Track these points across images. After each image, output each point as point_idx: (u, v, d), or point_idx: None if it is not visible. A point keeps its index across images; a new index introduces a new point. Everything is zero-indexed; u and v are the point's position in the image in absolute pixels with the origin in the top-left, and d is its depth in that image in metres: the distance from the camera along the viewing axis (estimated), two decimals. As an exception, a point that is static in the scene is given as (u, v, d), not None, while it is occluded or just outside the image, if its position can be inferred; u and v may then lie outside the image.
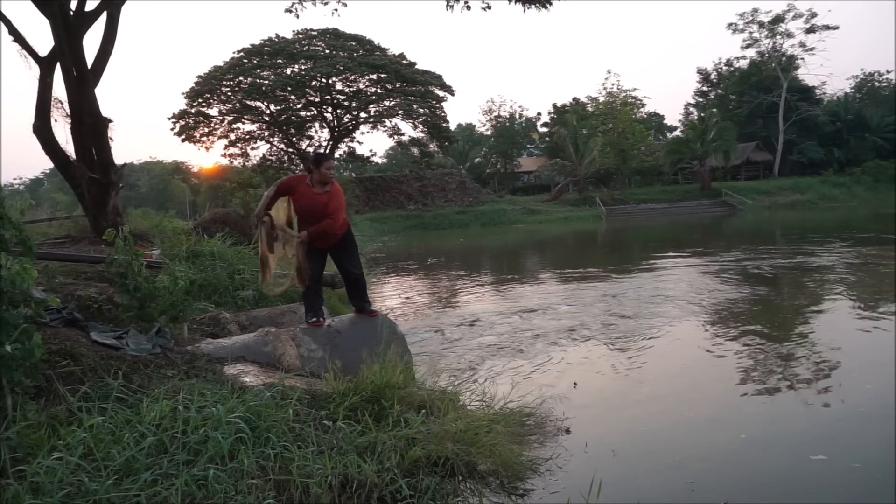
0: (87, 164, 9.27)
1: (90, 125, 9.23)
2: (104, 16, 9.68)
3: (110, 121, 9.71)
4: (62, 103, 9.64)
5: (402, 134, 41.98)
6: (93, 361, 3.41)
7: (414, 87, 38.59)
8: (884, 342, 6.26)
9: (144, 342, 4.00)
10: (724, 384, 5.18)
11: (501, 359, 6.36)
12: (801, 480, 3.50)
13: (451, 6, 11.39)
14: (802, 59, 50.37)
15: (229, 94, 37.76)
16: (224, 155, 40.95)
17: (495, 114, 58.33)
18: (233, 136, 39.76)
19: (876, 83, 56.38)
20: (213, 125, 38.92)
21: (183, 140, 38.64)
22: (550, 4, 11.10)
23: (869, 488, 3.38)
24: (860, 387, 4.92)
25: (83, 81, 9.19)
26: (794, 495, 3.34)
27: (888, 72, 56.91)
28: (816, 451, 3.79)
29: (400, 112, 39.39)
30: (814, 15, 48.18)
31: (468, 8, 11.37)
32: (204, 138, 39.05)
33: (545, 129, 59.54)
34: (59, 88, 9.62)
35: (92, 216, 9.49)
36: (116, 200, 9.63)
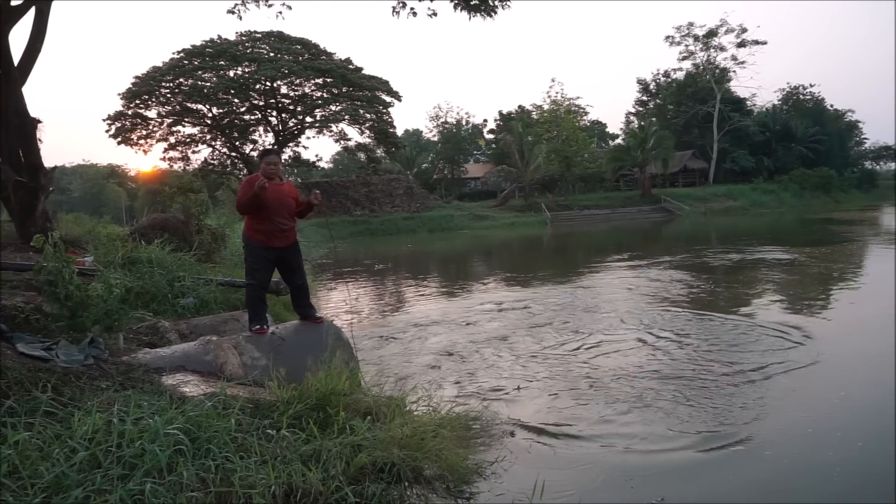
0: (13, 166, 8.79)
1: (17, 125, 8.77)
2: (32, 11, 9.24)
3: (39, 121, 9.25)
4: (-15, 102, 9.12)
5: (349, 139, 41.69)
6: (19, 374, 3.24)
7: (360, 92, 38.35)
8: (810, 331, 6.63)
9: (76, 353, 3.83)
10: (661, 382, 5.36)
11: (448, 363, 6.40)
12: (724, 470, 3.72)
13: (398, 12, 11.43)
14: (734, 71, 53.04)
15: (169, 95, 36.57)
16: (163, 158, 39.62)
17: (442, 120, 58.73)
18: (172, 140, 38.49)
19: (801, 96, 59.74)
20: (151, 128, 37.59)
21: (119, 143, 37.16)
22: (495, 13, 11.31)
23: (783, 474, 3.63)
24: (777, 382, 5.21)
25: (9, 79, 8.73)
26: (721, 486, 3.56)
27: (811, 86, 60.48)
28: (735, 443, 4.05)
29: (346, 117, 39.07)
30: (744, 30, 50.81)
31: (414, 14, 11.44)
32: (142, 141, 37.66)
33: (491, 136, 60.24)
34: (-19, 87, 9.10)
35: (18, 221, 9.00)
36: (46, 205, 9.17)
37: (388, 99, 39.65)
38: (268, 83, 37.07)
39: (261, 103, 38.95)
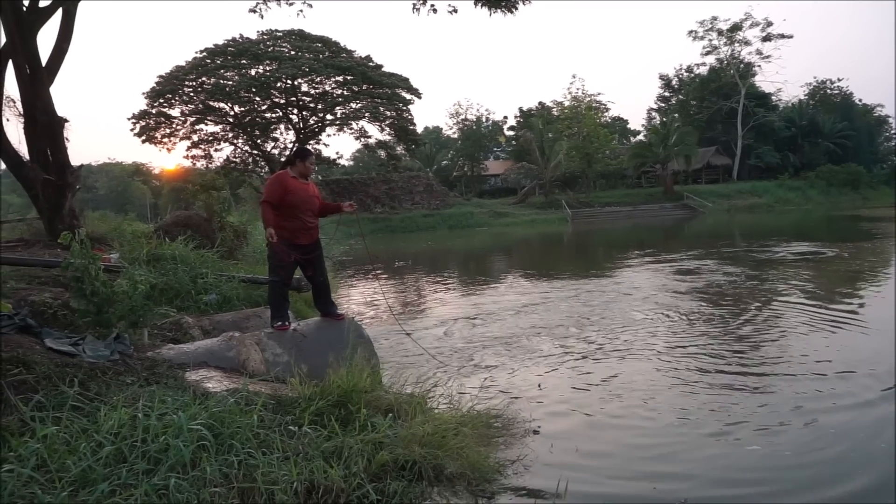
0: (41, 165, 8.96)
1: (45, 125, 8.93)
2: (60, 12, 9.39)
3: (66, 120, 9.40)
4: (14, 102, 9.31)
5: (369, 136, 41.80)
6: (47, 369, 3.29)
7: (381, 90, 38.43)
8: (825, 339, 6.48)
9: (102, 348, 3.88)
10: (683, 383, 5.27)
11: (469, 361, 6.37)
12: (744, 470, 3.67)
13: (418, 9, 11.40)
14: (759, 66, 52.14)
15: (192, 94, 37.00)
16: (186, 156, 40.10)
17: (462, 117, 58.64)
18: (195, 138, 38.95)
19: (828, 90, 58.49)
20: (174, 126, 38.08)
21: (143, 141, 37.72)
22: (516, 9, 11.23)
23: (798, 473, 3.59)
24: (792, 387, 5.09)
25: (37, 79, 8.88)
26: (742, 484, 3.50)
27: (839, 80, 59.15)
28: (751, 443, 4.01)
29: (366, 114, 39.18)
30: (770, 24, 49.96)
31: (434, 11, 11.41)
32: (165, 139, 38.17)
33: (511, 133, 60.00)
34: (11, 86, 9.30)
35: (47, 219, 9.17)
36: (73, 203, 9.33)
37: (408, 96, 39.68)
38: (289, 81, 37.32)
39: (282, 101, 39.25)
